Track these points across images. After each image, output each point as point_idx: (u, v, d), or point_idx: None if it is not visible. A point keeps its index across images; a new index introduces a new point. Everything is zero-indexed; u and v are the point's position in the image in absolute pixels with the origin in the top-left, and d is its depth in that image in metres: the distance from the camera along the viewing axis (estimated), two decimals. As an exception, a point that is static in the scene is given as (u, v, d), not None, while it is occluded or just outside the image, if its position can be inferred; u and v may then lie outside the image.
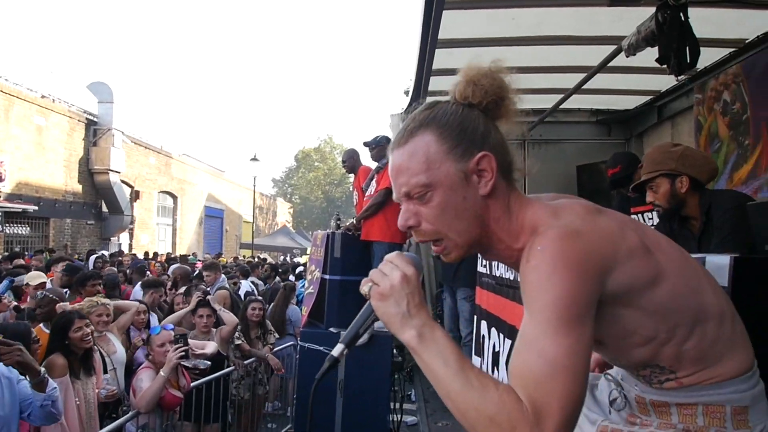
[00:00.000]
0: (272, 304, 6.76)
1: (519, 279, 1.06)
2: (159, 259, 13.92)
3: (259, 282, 9.65)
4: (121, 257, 12.13)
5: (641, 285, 1.03)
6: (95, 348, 3.73)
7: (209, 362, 4.44)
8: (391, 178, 1.10)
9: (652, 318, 1.05)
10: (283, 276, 10.73)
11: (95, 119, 16.72)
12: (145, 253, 16.03)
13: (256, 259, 16.26)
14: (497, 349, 3.02)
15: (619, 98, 5.65)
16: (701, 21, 3.11)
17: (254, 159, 22.58)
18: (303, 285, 7.33)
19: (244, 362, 5.07)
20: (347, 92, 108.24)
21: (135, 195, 19.07)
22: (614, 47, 3.85)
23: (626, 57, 3.62)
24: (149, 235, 20.38)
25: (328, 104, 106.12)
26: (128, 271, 8.68)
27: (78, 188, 16.18)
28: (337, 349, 1.03)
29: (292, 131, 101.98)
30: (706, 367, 1.07)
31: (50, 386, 2.81)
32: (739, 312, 1.13)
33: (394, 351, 5.21)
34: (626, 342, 1.08)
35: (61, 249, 13.64)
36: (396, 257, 1.03)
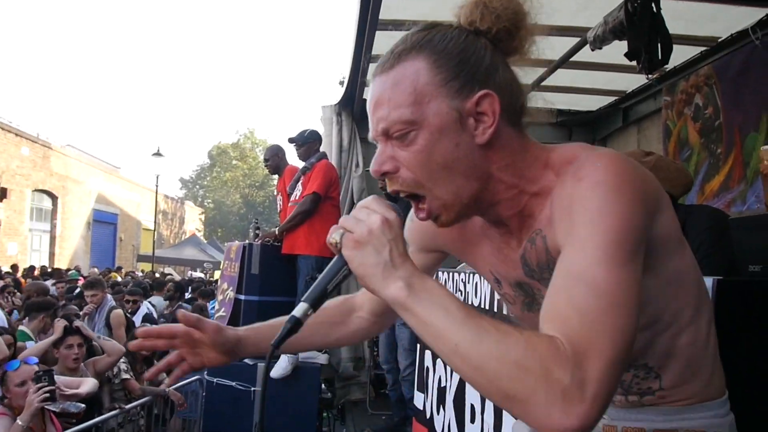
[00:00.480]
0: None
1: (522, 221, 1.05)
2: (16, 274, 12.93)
3: (162, 302, 9.40)
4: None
5: (672, 244, 1.04)
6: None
7: (83, 405, 4.17)
8: (369, 111, 1.03)
9: (666, 291, 1.05)
10: (193, 294, 10.54)
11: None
12: (13, 266, 15.14)
13: (158, 275, 15.73)
14: (443, 384, 3.01)
15: (582, 98, 5.87)
16: (671, 14, 3.26)
17: (157, 154, 21.85)
18: (213, 306, 7.15)
19: (125, 406, 4.70)
20: (272, 80, 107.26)
21: (1, 193, 18.05)
22: (578, 39, 3.99)
23: (591, 51, 3.76)
24: (19, 244, 19.35)
25: (250, 93, 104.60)
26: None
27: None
28: (300, 309, 0.96)
29: (206, 123, 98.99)
30: (691, 379, 1.09)
31: None
32: (722, 336, 1.17)
33: (323, 386, 5.16)
34: None
35: None
36: (373, 201, 0.95)
